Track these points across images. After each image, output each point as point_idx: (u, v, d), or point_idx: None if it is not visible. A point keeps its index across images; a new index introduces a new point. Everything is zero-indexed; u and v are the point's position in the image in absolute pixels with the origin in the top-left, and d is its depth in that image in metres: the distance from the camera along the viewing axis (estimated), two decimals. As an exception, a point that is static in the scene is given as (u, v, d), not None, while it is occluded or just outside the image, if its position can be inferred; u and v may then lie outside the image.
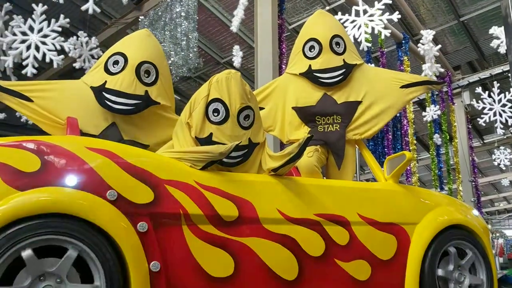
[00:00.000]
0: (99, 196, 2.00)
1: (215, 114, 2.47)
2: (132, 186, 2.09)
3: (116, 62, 2.79)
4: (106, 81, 2.75)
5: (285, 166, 2.47)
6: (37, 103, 2.68)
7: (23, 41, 5.81)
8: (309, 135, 2.47)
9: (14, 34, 5.80)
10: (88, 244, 1.89)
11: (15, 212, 1.80)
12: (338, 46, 3.21)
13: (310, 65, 3.20)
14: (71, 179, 1.97)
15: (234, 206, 2.29)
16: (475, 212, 3.24)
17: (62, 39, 5.97)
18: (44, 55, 5.82)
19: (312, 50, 3.22)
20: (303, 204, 2.51)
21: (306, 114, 3.15)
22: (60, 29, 5.96)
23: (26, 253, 1.80)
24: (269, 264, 2.31)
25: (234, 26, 6.84)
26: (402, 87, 3.23)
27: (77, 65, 6.57)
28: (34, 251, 1.82)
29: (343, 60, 3.20)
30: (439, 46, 7.53)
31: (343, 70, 3.17)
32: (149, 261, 2.02)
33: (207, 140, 2.45)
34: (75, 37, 6.59)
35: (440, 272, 2.77)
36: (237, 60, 8.12)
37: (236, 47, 8.23)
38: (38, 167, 1.94)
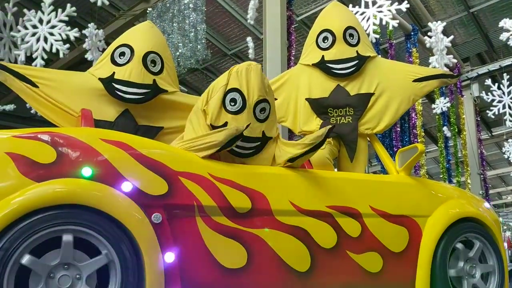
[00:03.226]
0: (113, 187, 2.01)
1: (232, 103, 2.48)
2: (146, 178, 2.10)
3: (122, 54, 2.86)
4: (114, 72, 2.82)
5: (304, 156, 2.48)
6: (42, 89, 2.71)
7: (33, 34, 5.83)
8: (331, 125, 2.48)
9: (26, 28, 5.83)
10: (117, 251, 1.92)
11: (32, 203, 1.82)
12: (351, 38, 3.19)
13: (323, 56, 3.19)
14: (86, 171, 1.98)
15: (247, 198, 2.30)
16: (487, 204, 3.23)
17: (68, 28, 5.98)
18: (51, 45, 5.85)
19: (326, 41, 3.21)
20: (315, 196, 2.51)
21: (319, 106, 3.15)
22: (67, 18, 5.97)
23: (66, 237, 1.85)
24: (282, 256, 2.33)
25: (250, 17, 6.80)
26: (415, 80, 3.20)
27: (89, 56, 6.59)
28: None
29: (357, 51, 3.18)
30: (451, 37, 7.43)
31: (356, 62, 3.16)
32: (164, 252, 2.04)
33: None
34: (87, 28, 6.58)
35: (459, 245, 2.81)
36: (251, 52, 8.12)
37: (249, 39, 8.22)
38: (54, 159, 1.96)
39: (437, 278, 2.68)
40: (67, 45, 5.98)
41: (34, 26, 5.88)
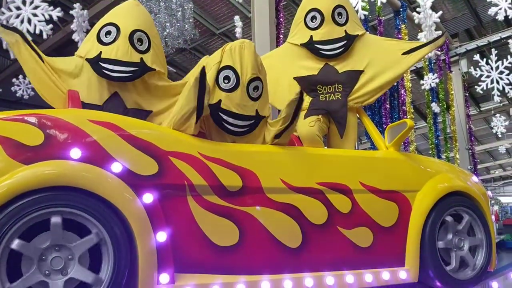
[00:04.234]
0: (103, 168, 2.00)
1: (226, 81, 2.47)
2: (136, 158, 2.10)
3: (108, 33, 2.82)
4: (101, 52, 2.78)
5: (286, 131, 2.47)
6: (47, 65, 2.67)
7: (17, 16, 5.75)
8: (297, 96, 2.40)
9: (10, 10, 5.73)
10: (108, 231, 1.94)
11: (20, 186, 1.81)
12: (340, 17, 3.16)
13: (311, 36, 3.16)
14: (75, 152, 1.97)
15: (237, 176, 2.31)
16: (475, 178, 3.27)
17: (51, 8, 5.88)
18: (35, 26, 5.77)
19: (314, 20, 3.18)
20: (306, 173, 2.53)
21: (307, 83, 3.13)
22: None
23: (54, 219, 1.86)
24: (273, 233, 2.35)
25: None
26: (404, 53, 3.20)
27: (76, 37, 6.49)
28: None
29: (345, 31, 3.15)
30: (440, 12, 7.40)
31: (344, 42, 3.14)
32: (155, 232, 2.04)
33: (216, 107, 2.46)
34: (73, 9, 6.48)
35: (448, 218, 2.86)
36: (238, 31, 8.03)
37: (237, 18, 8.13)
38: (41, 141, 1.94)
39: (426, 252, 2.72)
40: (50, 26, 5.90)
41: (18, 8, 5.79)
